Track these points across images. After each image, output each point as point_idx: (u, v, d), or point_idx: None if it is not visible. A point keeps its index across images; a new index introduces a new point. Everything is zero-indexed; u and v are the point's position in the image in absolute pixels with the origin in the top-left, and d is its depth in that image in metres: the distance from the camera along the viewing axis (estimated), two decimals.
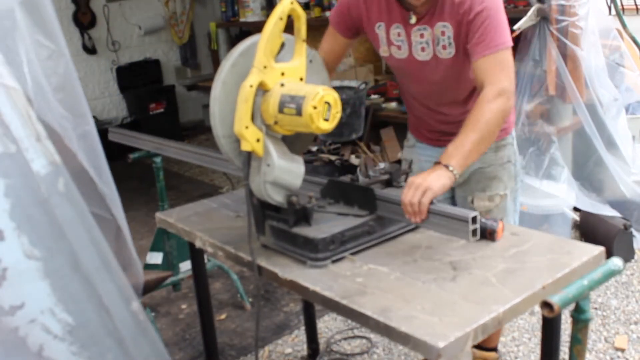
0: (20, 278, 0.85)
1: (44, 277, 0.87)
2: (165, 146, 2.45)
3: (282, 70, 1.57)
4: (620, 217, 3.36)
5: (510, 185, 2.15)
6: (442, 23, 1.87)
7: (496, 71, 1.79)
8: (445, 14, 1.85)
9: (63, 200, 0.92)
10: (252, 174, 1.60)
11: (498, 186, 2.12)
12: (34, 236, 0.87)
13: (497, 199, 2.13)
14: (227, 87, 1.57)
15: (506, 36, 1.82)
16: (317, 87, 1.51)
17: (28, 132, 0.90)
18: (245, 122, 1.54)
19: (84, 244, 0.93)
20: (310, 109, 1.47)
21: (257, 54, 1.53)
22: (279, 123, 1.55)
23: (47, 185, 0.90)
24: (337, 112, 1.53)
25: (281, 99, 1.53)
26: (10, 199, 0.85)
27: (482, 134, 1.71)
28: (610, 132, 3.42)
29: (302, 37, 1.60)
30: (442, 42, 1.89)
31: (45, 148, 0.92)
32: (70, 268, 0.90)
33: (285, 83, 1.56)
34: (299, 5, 1.57)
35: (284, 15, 1.54)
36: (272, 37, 1.54)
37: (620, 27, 3.61)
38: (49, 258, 0.88)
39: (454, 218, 1.51)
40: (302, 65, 1.61)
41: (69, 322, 0.88)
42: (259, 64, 1.53)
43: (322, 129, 1.50)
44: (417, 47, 1.94)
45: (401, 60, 1.99)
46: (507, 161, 2.13)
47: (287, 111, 1.51)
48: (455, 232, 1.52)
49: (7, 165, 0.86)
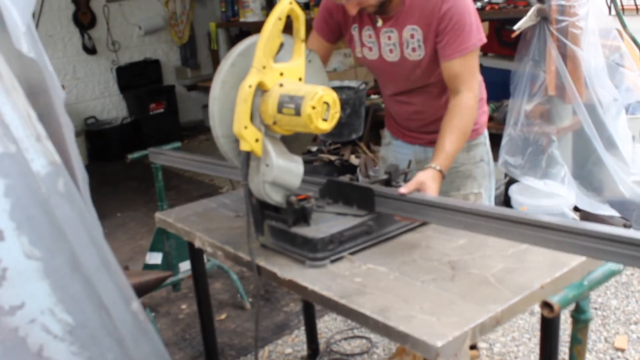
0: (20, 278, 0.85)
1: (44, 277, 0.87)
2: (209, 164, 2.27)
3: (281, 71, 1.57)
4: (620, 217, 3.36)
5: (485, 184, 2.20)
6: (411, 26, 1.93)
7: (468, 75, 1.90)
8: (415, 17, 1.91)
9: (63, 200, 0.92)
10: (251, 174, 1.60)
11: (472, 185, 2.18)
12: (34, 236, 0.87)
13: (472, 197, 2.18)
14: (227, 87, 1.57)
15: (475, 37, 1.89)
16: (316, 87, 1.51)
17: (28, 132, 0.90)
18: (244, 122, 1.54)
19: (84, 244, 0.93)
20: (309, 109, 1.47)
21: (256, 54, 1.54)
22: (277, 123, 1.56)
23: (47, 185, 0.90)
24: (336, 112, 1.53)
25: (280, 99, 1.53)
26: (10, 199, 0.85)
27: (459, 136, 1.86)
28: (610, 132, 3.42)
29: (301, 37, 1.61)
30: (412, 45, 1.95)
31: (45, 148, 0.92)
32: (70, 268, 0.90)
33: (284, 83, 1.56)
34: (298, 6, 1.58)
35: (283, 15, 1.54)
36: (271, 37, 1.54)
37: (620, 27, 3.61)
38: (49, 258, 0.88)
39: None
40: (301, 66, 1.61)
41: (69, 322, 0.88)
42: (258, 64, 1.53)
43: (321, 129, 1.51)
44: (386, 49, 2.01)
45: (372, 61, 2.07)
46: (480, 160, 2.18)
47: (286, 111, 1.51)
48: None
49: (7, 165, 0.86)
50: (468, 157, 2.15)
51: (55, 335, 0.88)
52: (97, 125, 6.36)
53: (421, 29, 1.91)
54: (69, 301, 0.89)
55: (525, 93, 3.41)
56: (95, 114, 6.45)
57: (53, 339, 0.88)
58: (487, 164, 2.20)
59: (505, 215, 1.41)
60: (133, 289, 1.04)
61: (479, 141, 2.17)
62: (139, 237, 4.25)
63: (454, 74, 1.89)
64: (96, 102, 6.52)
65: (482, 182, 2.19)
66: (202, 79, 6.98)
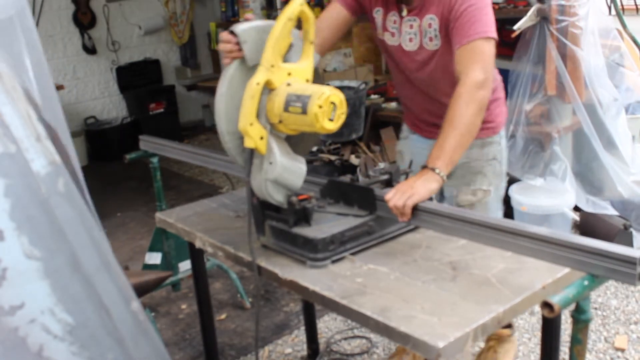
0: (20, 278, 0.85)
1: (44, 277, 0.87)
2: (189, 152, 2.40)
3: (289, 71, 1.58)
4: (620, 217, 3.36)
5: (495, 183, 2.20)
6: (430, 15, 1.94)
7: (470, 61, 1.79)
8: (434, 6, 1.92)
9: (63, 200, 0.92)
10: (254, 172, 1.60)
11: (482, 181, 2.18)
12: (34, 236, 0.87)
13: (480, 193, 2.18)
14: (234, 84, 1.58)
15: (486, 26, 1.84)
16: (323, 87, 1.51)
17: (28, 132, 0.90)
18: (250, 119, 1.54)
19: (84, 244, 0.93)
20: (316, 107, 1.48)
21: (265, 52, 1.54)
22: (283, 122, 1.56)
23: (47, 185, 0.90)
24: (342, 113, 1.53)
25: (287, 98, 1.53)
26: (10, 199, 0.85)
27: (461, 131, 1.72)
28: (609, 132, 3.42)
29: (310, 39, 1.61)
30: (429, 34, 1.96)
31: (45, 148, 0.92)
32: (70, 268, 0.90)
33: (291, 83, 1.56)
34: (308, 7, 1.58)
35: (293, 16, 1.55)
36: (281, 37, 1.54)
37: (620, 27, 3.60)
38: (49, 258, 0.88)
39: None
40: (309, 67, 1.62)
41: (69, 322, 0.88)
42: (266, 63, 1.54)
43: (327, 128, 1.51)
44: (406, 37, 2.02)
45: (392, 47, 2.08)
46: (493, 158, 2.18)
47: (293, 110, 1.52)
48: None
49: (7, 165, 0.86)
50: (481, 153, 2.15)
51: (55, 335, 0.88)
52: (97, 125, 6.35)
53: (437, 17, 1.92)
54: (69, 301, 0.89)
55: (525, 93, 3.41)
56: (95, 114, 6.44)
57: (53, 339, 0.87)
58: (499, 163, 2.20)
59: (498, 226, 1.42)
60: (133, 289, 1.04)
61: (494, 140, 2.17)
62: (139, 237, 4.25)
63: (458, 62, 1.82)
64: (96, 102, 6.52)
65: (492, 180, 2.19)
66: (202, 79, 6.97)
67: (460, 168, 2.13)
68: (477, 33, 1.82)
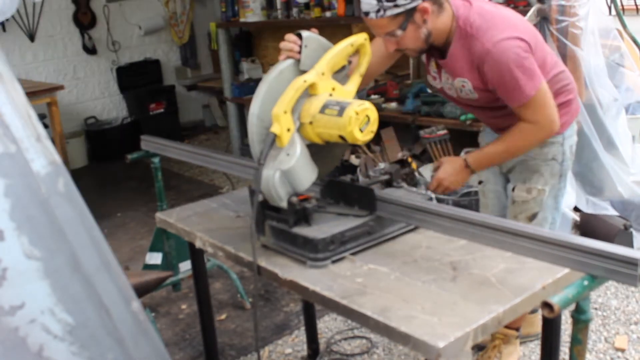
0: (20, 278, 0.85)
1: (44, 277, 0.87)
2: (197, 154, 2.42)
3: (334, 86, 1.67)
4: (620, 217, 3.36)
5: (552, 182, 2.20)
6: (461, 79, 2.01)
7: (527, 117, 1.98)
8: (463, 70, 1.99)
9: (63, 200, 0.91)
10: (267, 161, 1.61)
11: (538, 180, 2.20)
12: (34, 236, 0.86)
13: (535, 192, 2.20)
14: (282, 78, 1.65)
15: (526, 88, 1.91)
16: (364, 101, 1.61)
17: (28, 132, 0.90)
18: (285, 107, 1.59)
19: (84, 244, 0.93)
20: (353, 112, 1.55)
21: (320, 61, 1.64)
22: (314, 123, 1.61)
23: (47, 185, 0.90)
24: (371, 131, 1.62)
25: (326, 102, 1.62)
26: (10, 199, 0.85)
27: (507, 147, 2.05)
28: (609, 132, 3.42)
29: (361, 71, 1.73)
30: (465, 91, 2.05)
31: (45, 148, 0.91)
32: (70, 268, 0.90)
33: (333, 94, 1.67)
34: (369, 43, 1.72)
35: (356, 44, 1.69)
36: (339, 55, 1.67)
37: (620, 27, 3.61)
38: (49, 258, 0.88)
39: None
40: (352, 92, 1.73)
41: (69, 322, 0.88)
42: (319, 69, 1.64)
43: (355, 136, 1.57)
44: (446, 85, 2.12)
45: (436, 88, 2.21)
46: (552, 158, 2.18)
47: (329, 112, 1.59)
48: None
49: (7, 165, 0.86)
50: (540, 152, 2.16)
51: (55, 335, 0.88)
52: (97, 125, 6.36)
53: (470, 81, 1.99)
54: (69, 301, 0.89)
55: None
56: (95, 114, 6.45)
57: (53, 339, 0.87)
58: (559, 164, 2.19)
59: (498, 226, 1.42)
60: (133, 289, 1.04)
61: (555, 140, 2.16)
62: (139, 237, 4.25)
63: (517, 115, 2.00)
64: (96, 102, 6.52)
65: (548, 180, 2.19)
66: (202, 79, 6.97)
67: (520, 164, 2.21)
68: (523, 99, 1.93)
